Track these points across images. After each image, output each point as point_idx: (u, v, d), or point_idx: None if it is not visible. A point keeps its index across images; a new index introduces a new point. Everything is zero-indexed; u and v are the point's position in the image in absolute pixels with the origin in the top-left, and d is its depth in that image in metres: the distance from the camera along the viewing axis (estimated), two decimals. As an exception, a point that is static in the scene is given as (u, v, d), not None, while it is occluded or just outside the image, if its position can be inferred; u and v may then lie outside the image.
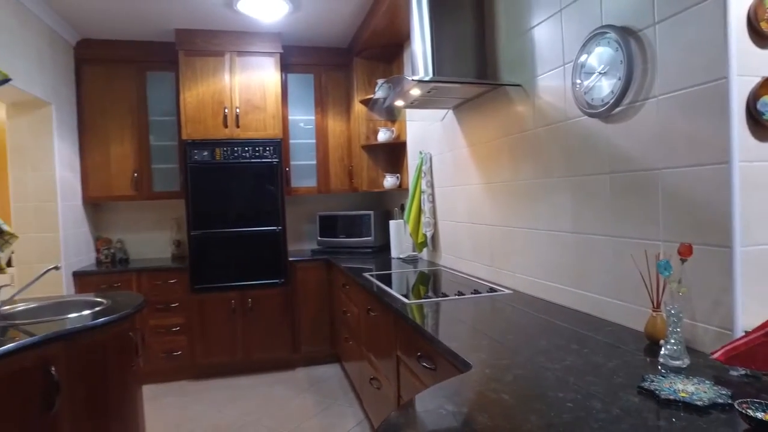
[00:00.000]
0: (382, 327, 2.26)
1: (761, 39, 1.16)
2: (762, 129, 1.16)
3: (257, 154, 3.73)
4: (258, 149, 3.73)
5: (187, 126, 3.60)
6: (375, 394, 2.47)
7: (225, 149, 3.67)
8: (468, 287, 2.24)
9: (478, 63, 2.31)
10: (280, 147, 3.77)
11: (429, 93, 2.31)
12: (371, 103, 2.75)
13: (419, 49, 2.29)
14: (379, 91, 2.47)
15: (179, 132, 3.73)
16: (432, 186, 3.15)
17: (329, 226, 4.15)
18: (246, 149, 3.71)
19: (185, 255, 3.88)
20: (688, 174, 1.26)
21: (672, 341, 1.16)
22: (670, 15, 1.29)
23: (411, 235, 3.25)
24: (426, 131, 3.22)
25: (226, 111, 3.66)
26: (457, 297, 2.06)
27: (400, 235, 3.55)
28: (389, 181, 3.84)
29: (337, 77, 4.15)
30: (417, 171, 3.19)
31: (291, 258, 3.81)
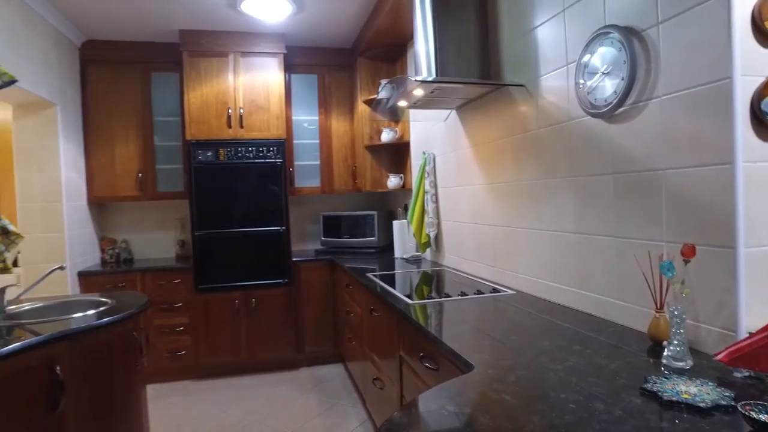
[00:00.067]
0: (385, 327, 2.26)
1: (765, 39, 1.15)
2: (766, 129, 1.16)
3: (261, 154, 3.74)
4: (262, 149, 3.74)
5: (192, 126, 3.61)
6: (378, 394, 2.47)
7: (229, 149, 3.68)
8: (471, 288, 2.24)
9: (481, 63, 2.31)
10: (283, 147, 3.78)
11: (432, 93, 2.31)
12: (374, 104, 2.75)
13: (422, 50, 2.29)
14: (383, 92, 2.47)
15: (183, 132, 3.74)
16: (435, 186, 3.15)
17: (333, 226, 4.16)
18: (250, 149, 3.72)
19: (189, 255, 3.90)
20: (691, 174, 1.26)
21: (675, 342, 1.15)
22: (673, 15, 1.29)
23: (414, 236, 3.25)
24: (429, 131, 3.22)
25: (230, 111, 3.67)
26: (460, 297, 2.05)
27: (403, 236, 3.55)
28: (393, 182, 3.85)
29: (341, 77, 4.16)
30: (420, 171, 3.19)
31: (295, 258, 3.82)
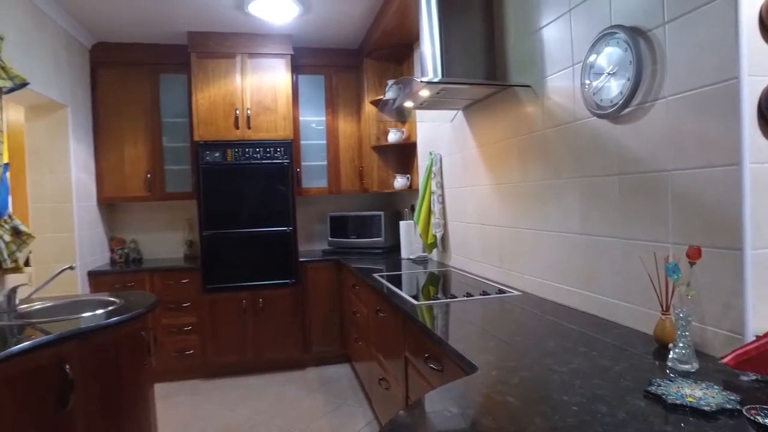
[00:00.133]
0: (390, 328, 2.26)
1: (773, 38, 1.14)
2: (774, 130, 1.15)
3: (268, 155, 3.76)
4: (269, 150, 3.76)
5: (199, 127, 3.64)
6: (384, 394, 2.47)
7: (236, 150, 3.70)
8: (477, 288, 2.23)
9: (487, 64, 2.30)
10: (291, 148, 3.80)
11: (438, 94, 2.31)
12: (381, 104, 2.76)
13: (428, 51, 2.29)
14: (389, 92, 2.47)
15: (191, 133, 3.78)
16: (442, 187, 3.14)
17: (340, 226, 4.17)
18: (257, 150, 3.74)
19: (197, 255, 3.93)
20: (697, 175, 1.25)
21: (680, 345, 1.14)
22: (680, 15, 1.28)
23: (421, 236, 3.25)
24: (436, 132, 3.22)
25: (237, 112, 3.69)
26: (466, 298, 2.05)
27: (410, 236, 3.55)
28: (399, 182, 3.85)
29: (348, 78, 4.17)
30: (427, 172, 3.19)
31: (302, 258, 3.84)
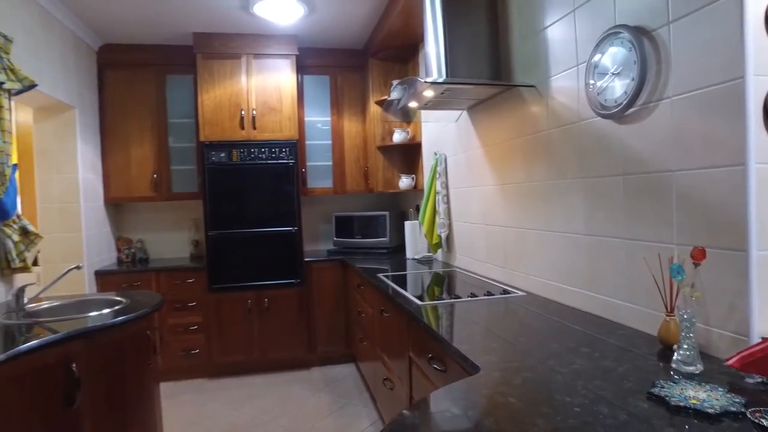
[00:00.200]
0: (395, 328, 2.27)
1: (779, 38, 1.13)
2: (779, 130, 1.14)
3: (274, 155, 3.77)
4: (274, 150, 3.77)
5: (205, 128, 3.66)
6: (388, 394, 2.47)
7: (242, 150, 3.72)
8: (481, 289, 2.23)
9: (491, 64, 2.30)
10: (296, 148, 3.81)
11: (443, 94, 2.30)
12: (386, 105, 2.76)
13: (432, 51, 2.29)
14: (394, 93, 2.47)
15: (197, 134, 3.79)
16: (447, 187, 3.14)
17: (345, 226, 4.17)
18: (262, 150, 3.75)
19: (203, 255, 3.95)
20: (702, 176, 1.24)
21: (685, 346, 1.14)
22: (684, 14, 1.27)
23: (426, 236, 3.25)
24: (441, 132, 3.21)
25: (242, 113, 3.71)
26: (471, 299, 2.05)
27: (415, 236, 3.55)
28: (404, 182, 3.85)
29: (353, 78, 4.17)
30: (432, 172, 3.19)
31: (307, 258, 3.85)
